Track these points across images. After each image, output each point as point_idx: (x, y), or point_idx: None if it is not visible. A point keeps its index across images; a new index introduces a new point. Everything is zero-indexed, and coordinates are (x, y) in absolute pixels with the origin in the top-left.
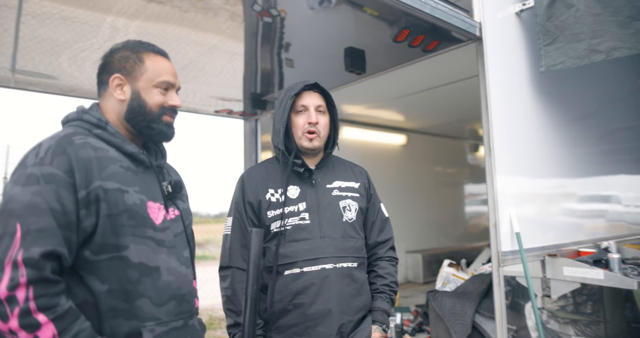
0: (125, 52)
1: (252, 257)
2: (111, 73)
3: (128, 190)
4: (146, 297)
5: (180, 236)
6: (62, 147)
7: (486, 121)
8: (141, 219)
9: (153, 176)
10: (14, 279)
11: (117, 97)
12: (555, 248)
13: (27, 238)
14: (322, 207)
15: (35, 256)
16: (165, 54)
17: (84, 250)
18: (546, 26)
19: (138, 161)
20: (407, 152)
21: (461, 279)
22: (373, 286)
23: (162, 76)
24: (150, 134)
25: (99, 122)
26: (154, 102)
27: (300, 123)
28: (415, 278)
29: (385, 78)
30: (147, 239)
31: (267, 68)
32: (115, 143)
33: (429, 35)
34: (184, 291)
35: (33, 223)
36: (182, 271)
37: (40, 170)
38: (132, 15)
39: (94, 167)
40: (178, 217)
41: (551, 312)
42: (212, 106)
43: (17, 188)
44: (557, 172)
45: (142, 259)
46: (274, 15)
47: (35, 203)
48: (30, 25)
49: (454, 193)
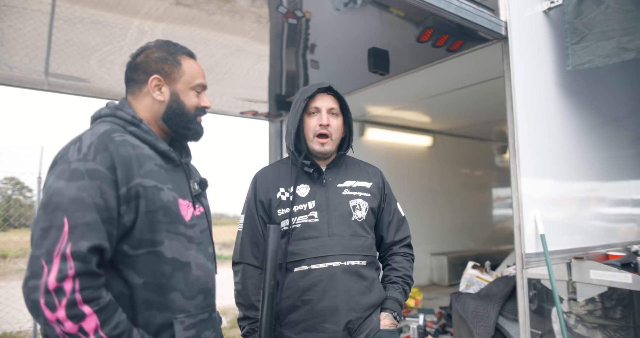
0: (162, 53)
1: (269, 253)
2: (149, 73)
3: (163, 188)
4: (178, 291)
5: (205, 232)
6: (104, 143)
7: (511, 122)
8: (174, 216)
9: (182, 174)
10: (62, 271)
11: (155, 98)
12: (583, 251)
13: (74, 231)
14: (331, 206)
15: (83, 250)
16: (195, 57)
17: (123, 244)
18: (574, 24)
19: (169, 159)
20: (433, 154)
21: (485, 281)
22: (387, 278)
23: (198, 79)
24: (186, 134)
25: (133, 119)
26: (191, 104)
27: (312, 125)
28: (440, 280)
29: (409, 79)
30: (179, 235)
31: (292, 69)
32: (148, 140)
33: (453, 35)
34: (210, 285)
35: (80, 217)
36: (209, 267)
37: (85, 166)
38: (159, 18)
39: (134, 164)
40: (203, 214)
41: (579, 316)
42: (238, 107)
43: (61, 182)
44: (586, 175)
45: (174, 254)
46: (298, 17)
47: (81, 198)
48: (62, 30)
49: (481, 195)
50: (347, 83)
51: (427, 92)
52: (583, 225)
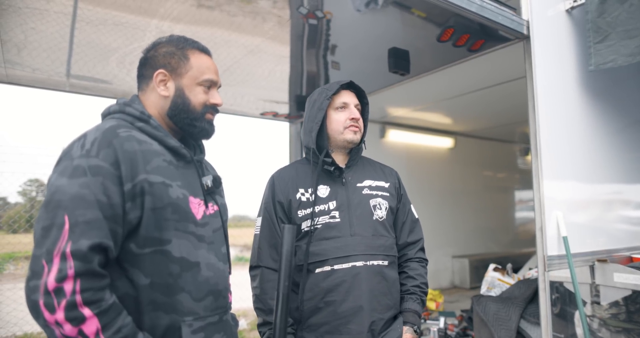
0: (170, 48)
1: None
2: (155, 68)
3: (172, 184)
4: (186, 292)
5: (218, 231)
6: (108, 139)
7: (533, 123)
8: (184, 214)
9: (194, 171)
10: (62, 271)
11: (160, 93)
12: (606, 253)
13: (75, 230)
14: (352, 205)
15: (84, 248)
16: (208, 52)
17: (129, 242)
18: (597, 23)
19: (179, 155)
20: (455, 155)
21: (507, 284)
22: (404, 287)
23: (206, 74)
24: (193, 132)
25: (141, 115)
26: (197, 100)
27: (342, 119)
28: (462, 283)
29: (430, 79)
30: (188, 234)
31: (313, 70)
32: (158, 136)
33: (474, 35)
34: (221, 287)
35: (81, 215)
36: (220, 267)
37: (87, 162)
38: (181, 20)
39: (139, 160)
40: (217, 212)
41: (603, 320)
42: (259, 108)
43: (63, 179)
44: (610, 177)
45: (183, 254)
46: (319, 17)
47: (83, 195)
48: (84, 31)
49: (503, 198)
50: (368, 84)
51: (447, 93)
52: (606, 227)
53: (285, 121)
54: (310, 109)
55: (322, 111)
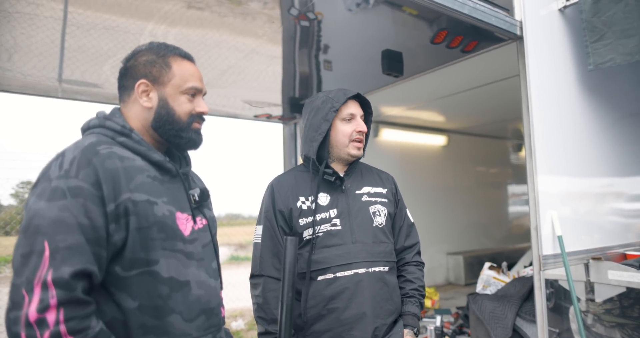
0: (151, 56)
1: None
2: (136, 78)
3: (157, 201)
4: (177, 313)
5: (208, 246)
6: (88, 158)
7: (527, 122)
8: (171, 231)
9: (180, 185)
10: (43, 301)
11: (143, 105)
12: (600, 251)
13: (56, 256)
14: (352, 213)
15: (66, 276)
16: (190, 58)
17: (114, 265)
18: (592, 22)
19: (164, 169)
20: (448, 153)
21: (502, 282)
22: (402, 290)
23: (190, 82)
24: (179, 143)
25: (122, 129)
26: (182, 110)
27: (348, 131)
28: (456, 279)
29: (424, 80)
30: (176, 252)
31: (306, 72)
32: (140, 151)
33: (468, 36)
34: (213, 304)
35: (61, 240)
36: (211, 284)
37: (66, 183)
38: (172, 23)
39: (122, 178)
40: (205, 227)
41: (597, 315)
42: (252, 110)
43: (41, 202)
44: (603, 172)
45: (172, 273)
46: (311, 19)
47: (63, 219)
48: (75, 36)
49: (496, 193)
50: (361, 85)
51: (440, 92)
52: (600, 225)
53: (279, 122)
54: (312, 117)
55: (328, 122)
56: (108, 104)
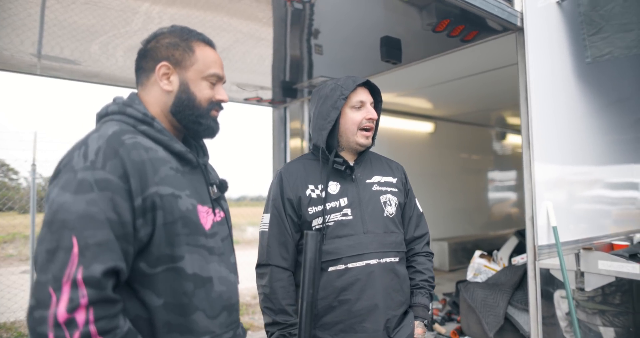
0: (174, 39)
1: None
2: (157, 61)
3: (181, 195)
4: (201, 310)
5: (226, 240)
6: (114, 148)
7: (525, 113)
8: (194, 226)
9: (200, 177)
10: (73, 300)
11: (163, 87)
12: (588, 241)
13: (85, 253)
14: (363, 202)
15: (97, 274)
16: (213, 45)
17: (140, 262)
18: (590, 16)
19: (185, 160)
20: (435, 140)
21: (493, 270)
22: (412, 281)
23: (212, 68)
24: (198, 130)
25: (144, 117)
26: (203, 96)
27: (358, 119)
28: (441, 265)
29: (419, 67)
30: (199, 247)
31: (297, 56)
32: (163, 141)
33: (469, 25)
34: (234, 300)
35: (91, 236)
36: (232, 280)
37: (93, 175)
38: (160, 2)
39: (148, 170)
40: (223, 219)
41: (578, 302)
42: (242, 93)
43: (66, 195)
44: (593, 163)
45: (196, 270)
46: (304, 1)
47: (91, 214)
48: (55, 10)
49: (479, 180)
50: (357, 71)
51: (433, 80)
52: (588, 215)
53: (269, 106)
54: (321, 105)
55: (337, 110)
56: (86, 82)
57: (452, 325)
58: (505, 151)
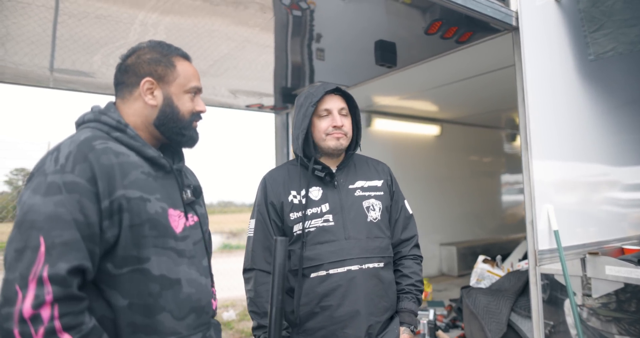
0: (155, 55)
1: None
2: (141, 76)
3: (150, 198)
4: (167, 311)
5: (199, 244)
6: (84, 153)
7: (523, 114)
8: (163, 229)
9: (173, 182)
10: (39, 297)
11: (147, 102)
12: (597, 245)
13: (52, 252)
14: (345, 208)
15: (62, 272)
16: (190, 58)
17: (106, 262)
18: (591, 12)
19: (158, 165)
20: (441, 143)
21: (496, 276)
22: (399, 286)
23: (193, 82)
24: (180, 141)
25: (118, 124)
26: (185, 108)
27: (324, 126)
28: (449, 271)
29: (418, 70)
30: (168, 250)
31: (298, 62)
32: (135, 146)
33: (463, 27)
34: (204, 302)
35: (57, 236)
36: (202, 282)
37: (62, 178)
38: (164, 11)
39: (117, 174)
40: (197, 223)
41: (592, 309)
42: (244, 100)
43: (37, 197)
44: (599, 164)
45: (163, 271)
46: (303, 9)
47: (59, 214)
48: (67, 25)
49: (489, 183)
50: (354, 75)
51: (434, 82)
52: (596, 218)
53: (271, 112)
54: (297, 114)
55: (307, 118)
56: (100, 94)
57: (456, 332)
58: (516, 153)
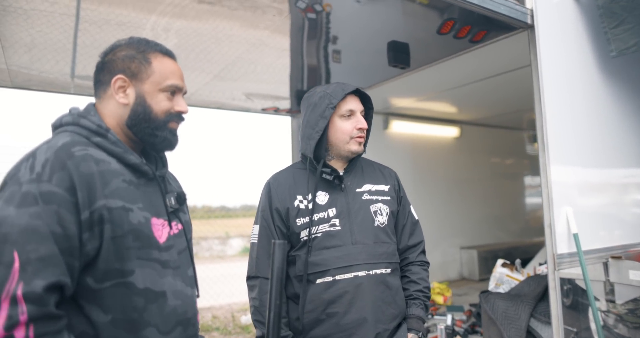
0: (130, 51)
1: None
2: (113, 73)
3: (132, 208)
4: (152, 326)
5: (184, 253)
6: (62, 160)
7: (539, 114)
8: (146, 239)
9: (156, 189)
10: (12, 317)
11: (119, 101)
12: (621, 249)
13: (27, 268)
14: (352, 212)
15: (38, 290)
16: (172, 55)
17: (86, 276)
18: (611, 8)
19: (140, 172)
20: (461, 144)
21: (516, 280)
22: (406, 292)
23: (170, 79)
24: (154, 142)
25: (98, 129)
26: (160, 107)
27: (348, 128)
28: (470, 275)
29: (433, 70)
30: (152, 261)
31: (314, 64)
32: (116, 153)
33: (476, 26)
34: (190, 314)
35: (33, 250)
36: (188, 293)
37: (38, 188)
38: (182, 16)
39: (97, 183)
40: (181, 232)
41: (619, 315)
42: (260, 103)
43: (10, 208)
44: (623, 165)
45: (147, 284)
46: (317, 11)
47: (35, 227)
48: (87, 32)
49: (512, 185)
50: (369, 77)
51: (452, 82)
52: (620, 221)
53: (287, 115)
54: (309, 113)
55: (325, 119)
56: None
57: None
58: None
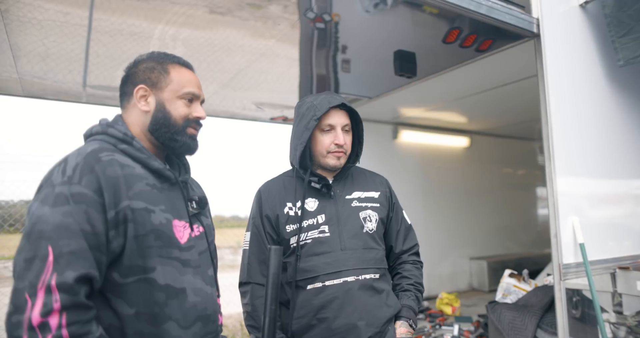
0: (150, 63)
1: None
2: (135, 84)
3: (154, 209)
4: (173, 320)
5: (204, 254)
6: (90, 165)
7: (546, 123)
8: (167, 239)
9: (178, 193)
10: (47, 305)
11: (141, 109)
12: (630, 259)
13: (60, 261)
14: (341, 219)
15: (70, 280)
16: (190, 66)
17: (112, 272)
18: (618, 17)
19: (164, 177)
20: (471, 155)
21: (523, 290)
22: (399, 286)
23: (187, 87)
24: (174, 147)
25: (124, 137)
26: (178, 113)
27: (327, 143)
28: (480, 285)
29: (441, 80)
30: (173, 260)
31: (322, 74)
32: (141, 159)
33: (481, 35)
34: (209, 311)
35: (65, 245)
36: (208, 291)
37: (69, 189)
38: (193, 26)
39: (122, 186)
40: (202, 234)
41: (630, 328)
42: (268, 113)
43: (45, 208)
44: (631, 174)
45: (168, 281)
46: (326, 21)
47: (67, 225)
48: (99, 42)
49: (522, 196)
50: (376, 86)
51: (460, 92)
52: (629, 232)
53: None
54: (297, 123)
55: (309, 131)
56: None
57: None
58: None
